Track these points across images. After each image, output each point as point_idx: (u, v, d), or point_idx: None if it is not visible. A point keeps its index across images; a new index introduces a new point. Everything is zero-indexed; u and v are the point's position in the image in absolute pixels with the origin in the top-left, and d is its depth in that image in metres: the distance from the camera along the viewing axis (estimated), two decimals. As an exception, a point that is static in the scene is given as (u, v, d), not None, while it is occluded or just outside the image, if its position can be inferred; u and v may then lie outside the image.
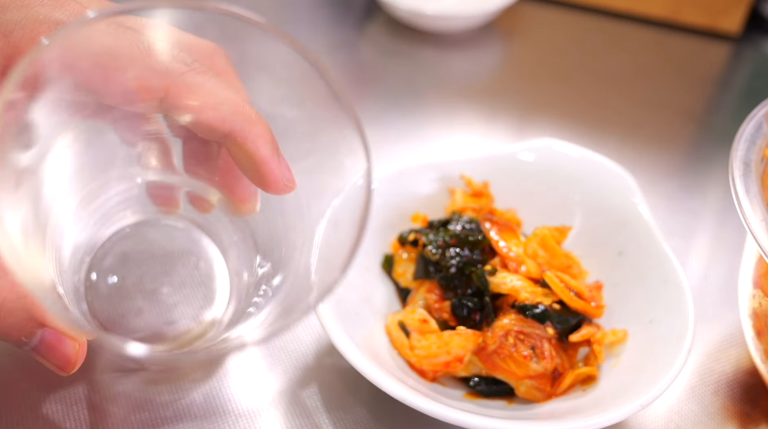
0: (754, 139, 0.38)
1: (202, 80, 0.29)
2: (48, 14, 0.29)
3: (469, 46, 0.72)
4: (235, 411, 0.37)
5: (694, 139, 0.62)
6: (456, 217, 0.42)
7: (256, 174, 0.30)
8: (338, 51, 0.70)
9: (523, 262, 0.40)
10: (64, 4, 0.29)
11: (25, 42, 0.28)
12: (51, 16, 0.29)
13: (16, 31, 0.28)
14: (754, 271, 0.38)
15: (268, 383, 0.39)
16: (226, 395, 0.38)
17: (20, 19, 0.28)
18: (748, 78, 0.72)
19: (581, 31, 0.76)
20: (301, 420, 0.37)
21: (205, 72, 0.29)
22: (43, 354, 0.29)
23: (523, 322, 0.37)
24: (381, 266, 0.43)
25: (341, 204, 0.30)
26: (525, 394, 0.37)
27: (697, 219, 0.53)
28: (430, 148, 0.58)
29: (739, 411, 0.40)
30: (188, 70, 0.29)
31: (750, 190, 0.35)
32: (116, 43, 0.28)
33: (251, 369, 0.39)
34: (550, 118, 0.63)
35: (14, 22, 0.28)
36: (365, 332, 0.38)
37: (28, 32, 0.28)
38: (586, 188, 0.45)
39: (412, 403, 0.33)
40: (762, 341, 0.38)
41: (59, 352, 0.29)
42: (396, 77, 0.67)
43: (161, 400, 0.37)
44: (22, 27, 0.28)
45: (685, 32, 0.76)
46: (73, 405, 0.37)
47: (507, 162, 0.45)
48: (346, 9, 0.77)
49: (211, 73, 0.29)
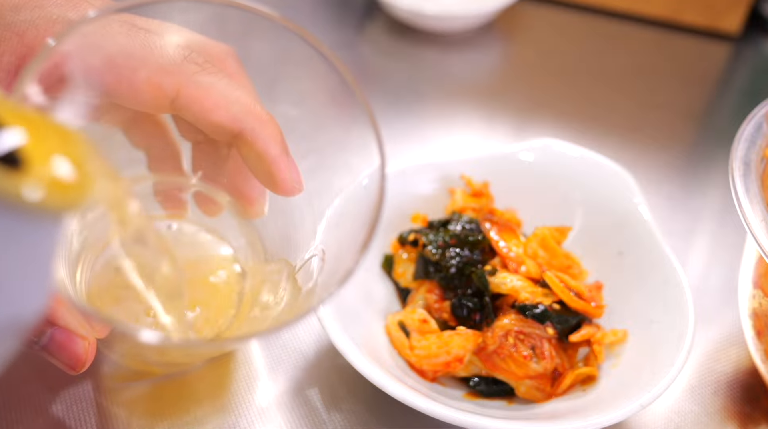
0: (754, 139, 0.38)
1: (214, 81, 0.29)
2: (62, 14, 0.29)
3: (469, 46, 0.72)
4: (236, 411, 0.37)
5: (694, 139, 0.62)
6: (456, 217, 0.42)
7: (266, 175, 0.30)
8: (338, 51, 0.70)
9: (523, 262, 0.40)
10: (78, 4, 0.30)
11: (39, 42, 0.28)
12: (65, 16, 0.29)
13: (29, 31, 0.28)
14: (754, 271, 0.38)
15: (268, 383, 0.39)
16: (226, 395, 0.38)
17: (34, 19, 0.28)
18: (748, 78, 0.72)
19: (581, 31, 0.76)
20: (301, 420, 0.37)
21: (217, 72, 0.29)
22: (53, 353, 0.29)
23: (523, 322, 0.37)
24: (381, 266, 0.43)
25: (354, 201, 0.30)
26: (525, 394, 0.37)
27: (697, 219, 0.53)
28: (430, 148, 0.58)
29: (739, 411, 0.40)
30: (200, 70, 0.29)
31: (750, 190, 0.35)
32: (128, 42, 0.28)
33: (252, 369, 0.39)
34: (550, 118, 0.63)
35: (28, 22, 0.28)
36: (365, 332, 0.38)
37: (41, 32, 0.28)
38: (586, 188, 0.45)
39: (412, 403, 0.33)
40: (762, 341, 0.38)
41: (69, 350, 0.29)
42: (396, 77, 0.67)
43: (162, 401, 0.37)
44: (36, 27, 0.28)
45: (685, 32, 0.76)
46: (74, 404, 0.37)
47: (507, 162, 0.45)
48: (346, 9, 0.77)
49: (223, 74, 0.30)
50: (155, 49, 0.28)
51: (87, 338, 0.30)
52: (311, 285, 0.31)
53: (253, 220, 0.35)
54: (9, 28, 0.28)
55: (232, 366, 0.39)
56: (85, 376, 0.38)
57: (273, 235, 0.35)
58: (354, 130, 0.29)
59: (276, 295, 0.33)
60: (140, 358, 0.38)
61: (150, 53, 0.28)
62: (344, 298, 0.38)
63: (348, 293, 0.39)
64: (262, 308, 0.33)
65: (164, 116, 0.34)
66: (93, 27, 0.26)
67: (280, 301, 0.32)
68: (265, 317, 0.32)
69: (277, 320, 0.31)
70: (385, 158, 0.28)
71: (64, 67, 0.26)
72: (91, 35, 0.26)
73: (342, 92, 0.28)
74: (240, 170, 0.32)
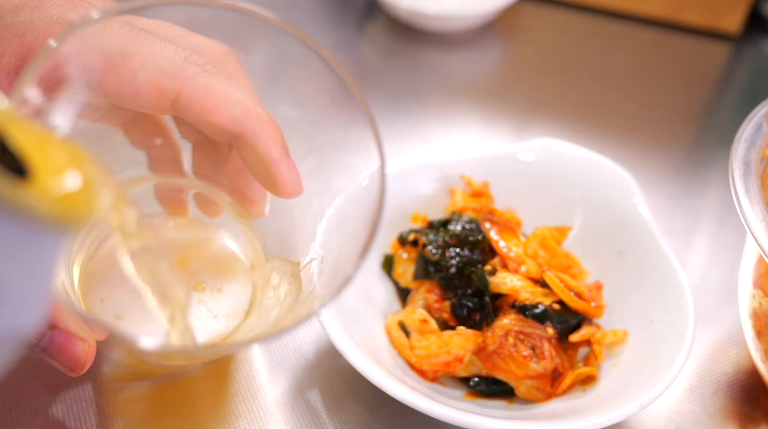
0: (754, 139, 0.38)
1: (214, 82, 0.29)
2: (62, 15, 0.29)
3: (469, 46, 0.72)
4: (236, 411, 0.37)
5: (694, 139, 0.62)
6: (456, 217, 0.42)
7: (267, 176, 0.30)
8: (338, 51, 0.70)
9: (523, 262, 0.40)
10: (78, 5, 0.30)
11: (39, 43, 0.28)
12: (65, 17, 0.29)
13: (29, 32, 0.28)
14: (754, 271, 0.38)
15: (268, 383, 0.39)
16: (226, 396, 0.38)
17: (34, 20, 0.28)
18: (748, 78, 0.72)
19: (581, 31, 0.76)
20: (301, 420, 0.37)
21: (217, 74, 0.29)
22: (53, 355, 0.29)
23: (523, 322, 0.37)
24: (381, 266, 0.43)
25: (354, 202, 0.30)
26: (525, 394, 0.37)
27: (697, 219, 0.53)
28: (430, 148, 0.58)
29: (739, 411, 0.40)
30: (201, 71, 0.29)
31: (750, 190, 0.35)
32: (129, 44, 0.28)
33: (252, 369, 0.39)
34: (549, 118, 0.63)
35: (28, 23, 0.28)
36: (365, 332, 0.38)
37: (41, 33, 0.28)
38: (586, 188, 0.45)
39: (412, 403, 0.33)
40: (762, 341, 0.38)
41: (69, 352, 0.29)
42: (396, 77, 0.67)
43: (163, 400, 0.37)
44: (36, 28, 0.28)
45: (685, 32, 0.76)
46: (74, 404, 0.37)
47: (507, 162, 0.45)
48: (346, 9, 0.77)
49: (223, 75, 0.30)
50: (156, 51, 0.28)
51: (86, 340, 0.30)
52: (311, 288, 0.31)
53: (253, 220, 0.35)
54: (9, 29, 0.28)
55: (232, 367, 0.39)
56: (85, 377, 0.38)
57: (273, 236, 0.35)
58: (353, 131, 0.29)
59: (277, 294, 0.33)
60: (140, 359, 0.38)
61: (150, 55, 0.28)
62: (344, 299, 0.38)
63: (348, 293, 0.39)
64: (263, 311, 0.33)
65: (165, 117, 0.34)
66: (93, 28, 0.26)
67: (282, 302, 0.32)
68: (266, 320, 0.32)
69: (277, 324, 0.31)
70: (384, 159, 0.28)
71: (64, 68, 0.26)
72: (92, 37, 0.26)
73: (341, 93, 0.28)
74: (240, 171, 0.32)
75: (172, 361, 0.38)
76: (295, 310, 0.31)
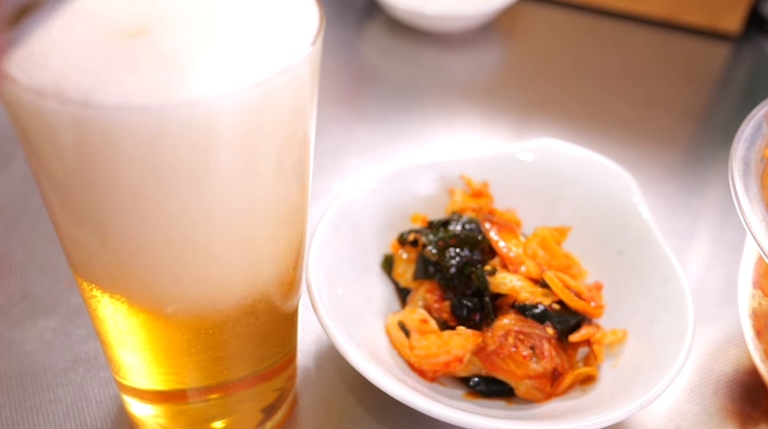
0: (753, 139, 0.38)
1: None
2: None
3: (469, 46, 0.72)
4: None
5: (694, 139, 0.62)
6: (456, 217, 0.42)
7: None
8: (338, 51, 0.70)
9: (522, 262, 0.40)
10: None
11: None
12: None
13: None
14: (754, 271, 0.38)
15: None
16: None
17: None
18: (748, 78, 0.72)
19: (581, 31, 0.76)
20: (301, 419, 0.37)
21: None
22: None
23: (522, 322, 0.37)
24: (381, 266, 0.43)
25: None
26: (525, 394, 0.37)
27: (697, 219, 0.53)
28: (430, 148, 0.58)
29: (739, 411, 0.40)
30: None
31: (750, 190, 0.35)
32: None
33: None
34: (549, 118, 0.63)
35: None
36: (365, 332, 0.38)
37: None
38: (586, 188, 0.45)
39: (412, 403, 0.33)
40: (762, 341, 0.38)
41: None
42: (396, 77, 0.67)
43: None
44: None
45: (685, 32, 0.76)
46: (74, 404, 0.37)
47: (507, 162, 0.45)
48: (346, 9, 0.77)
49: None
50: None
51: None
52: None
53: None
54: None
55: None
56: (85, 377, 0.38)
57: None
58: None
59: None
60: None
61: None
62: (344, 298, 0.38)
63: (348, 293, 0.39)
64: None
65: None
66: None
67: None
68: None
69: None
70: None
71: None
72: None
73: None
74: None
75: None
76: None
